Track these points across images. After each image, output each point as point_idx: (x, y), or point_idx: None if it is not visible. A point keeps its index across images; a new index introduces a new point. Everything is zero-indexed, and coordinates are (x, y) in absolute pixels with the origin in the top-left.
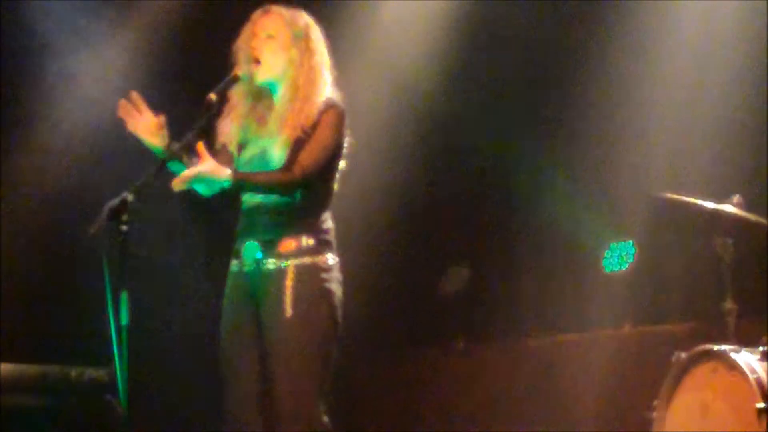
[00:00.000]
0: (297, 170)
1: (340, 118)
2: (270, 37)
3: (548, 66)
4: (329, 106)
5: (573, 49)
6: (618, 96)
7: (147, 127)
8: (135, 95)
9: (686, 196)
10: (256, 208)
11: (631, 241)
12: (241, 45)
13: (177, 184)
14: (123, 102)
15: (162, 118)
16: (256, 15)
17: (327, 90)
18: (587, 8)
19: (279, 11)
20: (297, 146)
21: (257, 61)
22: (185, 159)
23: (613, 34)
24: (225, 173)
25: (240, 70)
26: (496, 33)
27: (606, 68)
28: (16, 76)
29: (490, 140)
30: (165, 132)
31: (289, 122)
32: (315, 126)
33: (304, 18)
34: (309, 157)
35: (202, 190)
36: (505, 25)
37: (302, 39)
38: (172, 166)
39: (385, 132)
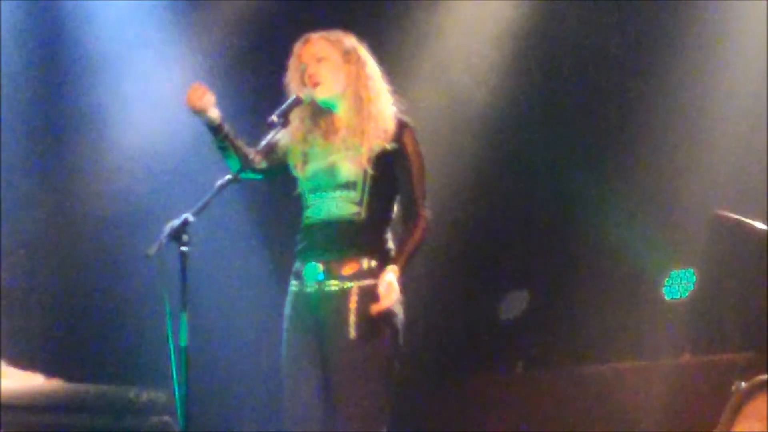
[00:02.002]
0: (424, 214)
1: (417, 137)
2: (321, 59)
3: (610, 76)
4: (404, 126)
5: (635, 59)
6: (680, 115)
7: (203, 102)
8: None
9: (746, 218)
10: (317, 226)
11: (692, 269)
12: (293, 75)
13: (375, 309)
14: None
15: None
16: (299, 46)
17: (389, 98)
18: (650, 16)
19: (321, 35)
20: (384, 161)
21: (316, 85)
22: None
23: (675, 45)
24: (394, 277)
25: (301, 93)
26: (555, 41)
27: (669, 82)
28: (81, 95)
29: (550, 162)
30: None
31: (366, 135)
32: (401, 150)
33: (347, 36)
34: (420, 193)
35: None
36: (564, 32)
37: (352, 53)
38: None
39: (442, 149)
